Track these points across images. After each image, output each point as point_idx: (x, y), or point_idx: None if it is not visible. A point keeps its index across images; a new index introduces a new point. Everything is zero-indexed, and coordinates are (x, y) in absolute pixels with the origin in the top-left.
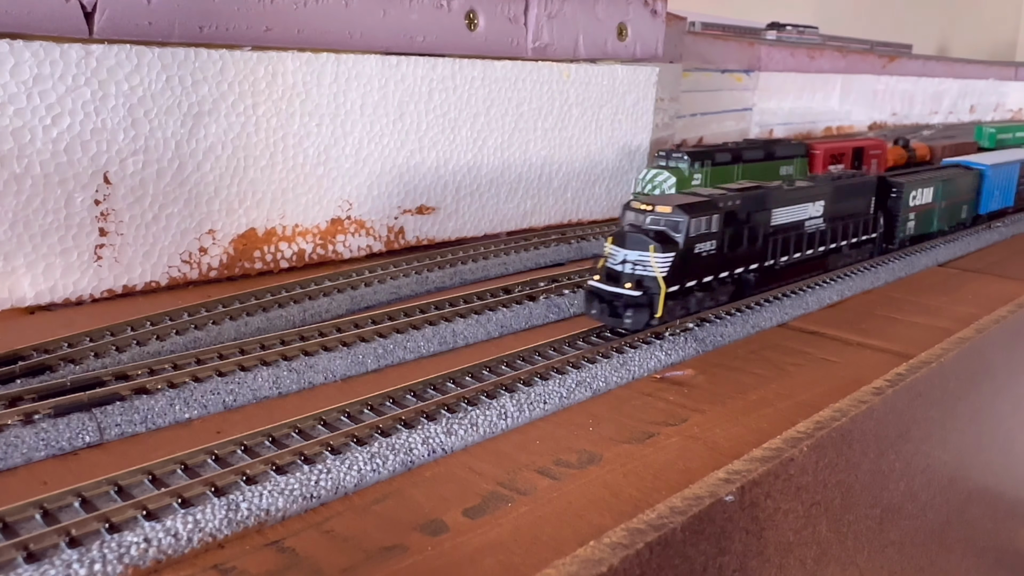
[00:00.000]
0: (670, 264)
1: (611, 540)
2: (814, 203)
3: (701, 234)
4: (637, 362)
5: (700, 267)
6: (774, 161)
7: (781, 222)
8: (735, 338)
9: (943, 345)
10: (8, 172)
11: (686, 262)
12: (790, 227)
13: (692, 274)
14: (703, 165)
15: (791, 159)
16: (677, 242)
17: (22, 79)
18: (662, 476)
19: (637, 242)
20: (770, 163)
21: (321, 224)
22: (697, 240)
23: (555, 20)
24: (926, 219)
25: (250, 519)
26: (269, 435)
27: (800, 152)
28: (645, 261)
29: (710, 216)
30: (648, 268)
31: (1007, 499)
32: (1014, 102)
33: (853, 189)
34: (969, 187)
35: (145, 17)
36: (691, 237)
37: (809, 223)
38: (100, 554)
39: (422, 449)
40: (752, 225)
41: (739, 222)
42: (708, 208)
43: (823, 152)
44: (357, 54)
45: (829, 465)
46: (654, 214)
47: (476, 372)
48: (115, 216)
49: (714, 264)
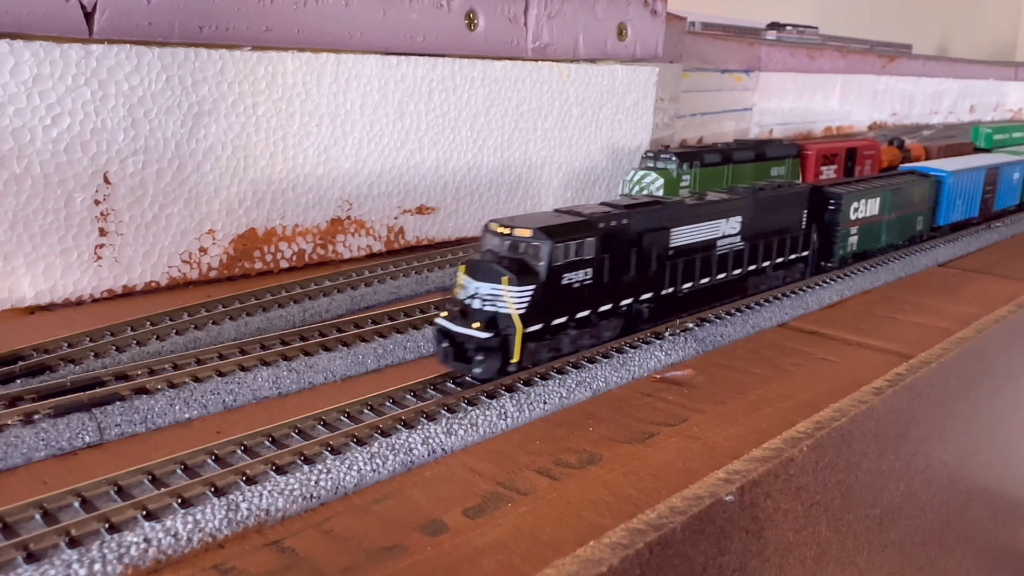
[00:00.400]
0: (529, 299)
1: (611, 540)
2: (728, 219)
3: (571, 261)
4: (637, 362)
5: (572, 300)
6: (765, 162)
7: (685, 242)
8: (735, 338)
9: (943, 345)
10: (8, 172)
11: (552, 295)
12: (697, 248)
13: (561, 309)
14: (692, 166)
15: (783, 160)
16: (538, 272)
17: (22, 79)
18: (662, 476)
19: (489, 272)
20: (761, 164)
21: (321, 224)
22: (566, 269)
23: (555, 20)
24: (871, 233)
25: (250, 519)
26: (269, 435)
27: (792, 153)
28: (498, 295)
29: (581, 240)
30: (502, 304)
31: (1007, 499)
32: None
33: (779, 202)
34: (925, 196)
35: (145, 17)
36: (556, 266)
37: (723, 242)
38: (100, 554)
39: (422, 449)
40: (644, 248)
41: (625, 244)
42: (579, 230)
43: (815, 153)
44: (357, 54)
45: (829, 465)
46: (512, 238)
47: None
48: (115, 216)
49: (592, 296)
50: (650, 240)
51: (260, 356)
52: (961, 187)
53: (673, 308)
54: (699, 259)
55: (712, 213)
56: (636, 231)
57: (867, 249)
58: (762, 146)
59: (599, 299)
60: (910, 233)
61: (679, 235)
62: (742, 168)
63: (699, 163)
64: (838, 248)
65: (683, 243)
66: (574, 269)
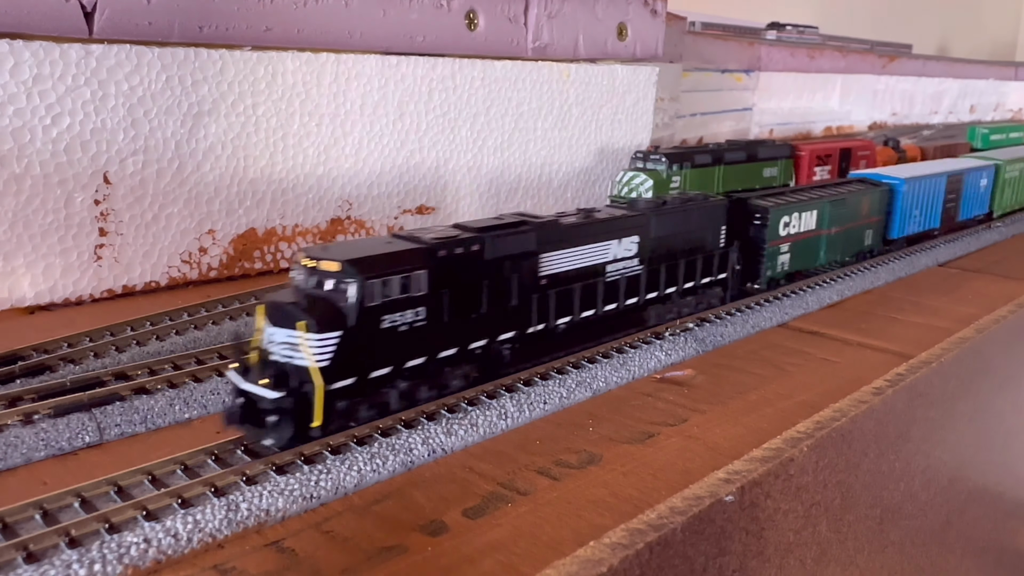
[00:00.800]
0: (334, 348)
1: (611, 540)
2: (622, 240)
3: (393, 300)
4: (637, 362)
5: (399, 347)
6: (757, 163)
7: (561, 269)
8: (735, 338)
9: (943, 345)
10: (8, 172)
11: (367, 343)
12: (577, 275)
13: (383, 358)
14: (682, 167)
15: (775, 161)
16: (346, 315)
17: (22, 79)
18: (662, 476)
19: (285, 316)
20: (753, 165)
21: (321, 224)
22: (386, 309)
23: (555, 20)
24: (808, 250)
25: (250, 519)
26: None
27: (785, 153)
28: (294, 344)
29: (407, 273)
30: (299, 355)
31: (1007, 499)
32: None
33: (689, 218)
34: (875, 207)
35: (145, 17)
36: (372, 306)
37: (614, 267)
38: (100, 554)
39: (422, 449)
40: (502, 278)
41: (475, 275)
42: (404, 262)
43: (809, 153)
44: (357, 54)
45: (829, 465)
46: (317, 273)
47: None
48: (115, 216)
49: (428, 339)
50: (511, 268)
51: None
52: (918, 195)
53: (547, 346)
54: (580, 288)
55: (599, 233)
56: (492, 258)
57: (803, 268)
58: (754, 147)
59: (439, 343)
60: (857, 248)
61: (553, 261)
62: (734, 169)
63: (689, 164)
64: (765, 268)
65: (559, 270)
66: (398, 309)
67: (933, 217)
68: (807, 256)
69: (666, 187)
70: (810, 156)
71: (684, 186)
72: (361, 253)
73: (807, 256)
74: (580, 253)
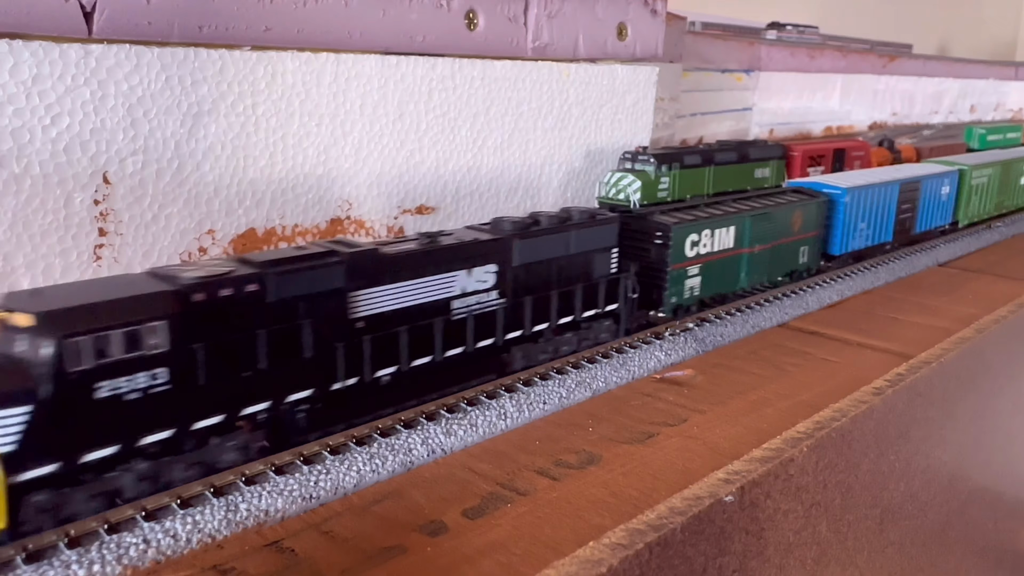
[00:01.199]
0: (22, 428)
1: (611, 541)
2: (473, 270)
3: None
4: (637, 362)
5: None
6: (748, 164)
7: (383, 308)
8: (735, 338)
9: (943, 345)
10: (7, 172)
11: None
12: (409, 314)
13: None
14: (671, 168)
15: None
16: (37, 384)
17: (21, 79)
18: (662, 476)
19: None
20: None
21: (321, 224)
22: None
23: (555, 20)
24: (724, 272)
25: (249, 520)
26: None
27: (777, 154)
28: None
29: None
30: None
31: (1007, 499)
32: (1015, 102)
33: (567, 241)
34: (811, 220)
35: (144, 17)
36: (76, 372)
37: (462, 302)
38: (99, 555)
39: (421, 449)
40: (291, 323)
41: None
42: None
43: (801, 154)
44: (357, 54)
45: (829, 465)
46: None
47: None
48: (114, 216)
49: (177, 408)
50: (306, 311)
51: None
52: (864, 206)
53: (367, 403)
54: (410, 331)
55: (440, 263)
56: (276, 300)
57: (720, 292)
58: (745, 147)
59: (193, 410)
60: (790, 267)
61: (371, 299)
62: (724, 170)
63: (678, 165)
64: (669, 294)
65: (380, 310)
66: (123, 372)
67: (884, 230)
68: (724, 279)
69: (654, 188)
70: (803, 157)
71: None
72: (69, 302)
73: (724, 279)
74: (412, 288)
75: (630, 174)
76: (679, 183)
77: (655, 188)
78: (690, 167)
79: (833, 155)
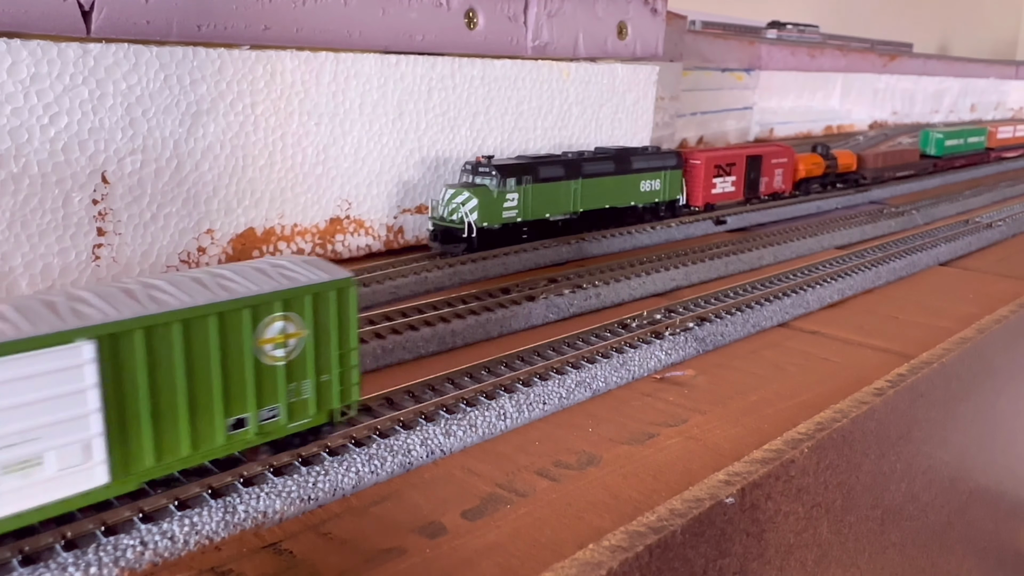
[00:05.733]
0: None
1: (610, 543)
2: None
3: None
4: (637, 362)
5: None
6: (631, 175)
7: None
8: (735, 338)
9: (944, 345)
10: (6, 172)
11: None
12: None
13: None
14: (520, 183)
15: (657, 172)
16: None
17: (19, 78)
18: (662, 478)
19: None
20: (626, 178)
21: (320, 224)
22: None
23: (555, 19)
24: None
25: (247, 521)
26: None
27: (671, 163)
28: None
29: None
30: None
31: (1008, 500)
32: (1015, 101)
33: None
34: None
35: (143, 16)
36: None
37: None
38: (96, 557)
39: (420, 450)
40: None
41: None
42: None
43: (705, 162)
44: (356, 53)
45: (830, 466)
46: None
47: (475, 373)
48: (113, 216)
49: None
50: None
51: None
52: None
53: None
54: None
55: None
56: None
57: None
58: (627, 156)
59: None
60: None
61: None
62: (598, 183)
63: (531, 178)
64: None
65: None
66: None
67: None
68: None
69: (497, 207)
70: (707, 166)
71: (524, 205)
72: None
73: None
74: None
75: (466, 190)
76: (532, 200)
77: (499, 207)
78: (548, 180)
79: (746, 163)
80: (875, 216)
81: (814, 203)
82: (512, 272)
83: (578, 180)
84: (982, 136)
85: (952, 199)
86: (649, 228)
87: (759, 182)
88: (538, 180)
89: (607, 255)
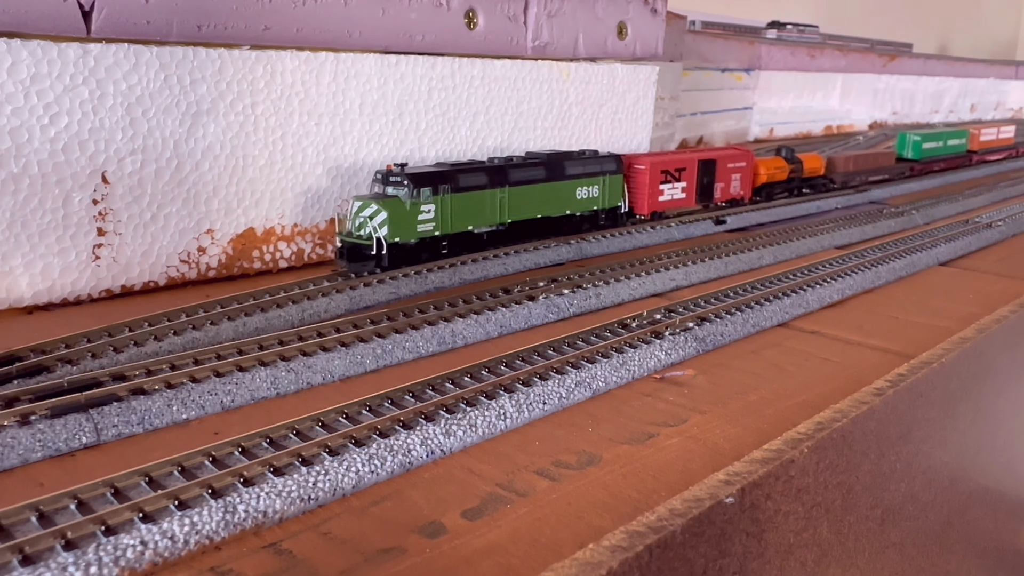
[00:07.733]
0: None
1: (610, 543)
2: None
3: None
4: (637, 362)
5: None
6: (565, 182)
7: None
8: (735, 338)
9: (944, 345)
10: (6, 172)
11: None
12: None
13: None
14: (437, 192)
15: (595, 178)
16: None
17: (20, 78)
18: (662, 477)
19: None
20: (559, 184)
21: (320, 224)
22: None
23: (555, 19)
24: None
25: (247, 521)
26: (267, 436)
27: (609, 168)
28: None
29: None
30: None
31: (1008, 500)
32: (1015, 101)
33: None
34: None
35: (143, 16)
36: None
37: None
38: (96, 557)
39: (420, 450)
40: None
41: None
42: None
43: (650, 167)
44: (356, 53)
45: (830, 466)
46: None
47: (475, 372)
48: (113, 216)
49: None
50: None
51: (258, 356)
52: None
53: None
54: None
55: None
56: None
57: None
58: (559, 160)
59: None
60: None
61: None
62: (527, 191)
63: (449, 187)
64: None
65: None
66: None
67: None
68: None
69: (411, 221)
70: (652, 171)
71: (442, 218)
72: None
73: None
74: None
75: (375, 202)
76: (452, 212)
77: (412, 220)
78: (468, 189)
79: (698, 167)
80: (875, 216)
81: (814, 203)
82: (512, 272)
83: (504, 188)
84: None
85: (952, 199)
86: (649, 228)
87: (713, 188)
88: (458, 189)
89: (607, 255)
